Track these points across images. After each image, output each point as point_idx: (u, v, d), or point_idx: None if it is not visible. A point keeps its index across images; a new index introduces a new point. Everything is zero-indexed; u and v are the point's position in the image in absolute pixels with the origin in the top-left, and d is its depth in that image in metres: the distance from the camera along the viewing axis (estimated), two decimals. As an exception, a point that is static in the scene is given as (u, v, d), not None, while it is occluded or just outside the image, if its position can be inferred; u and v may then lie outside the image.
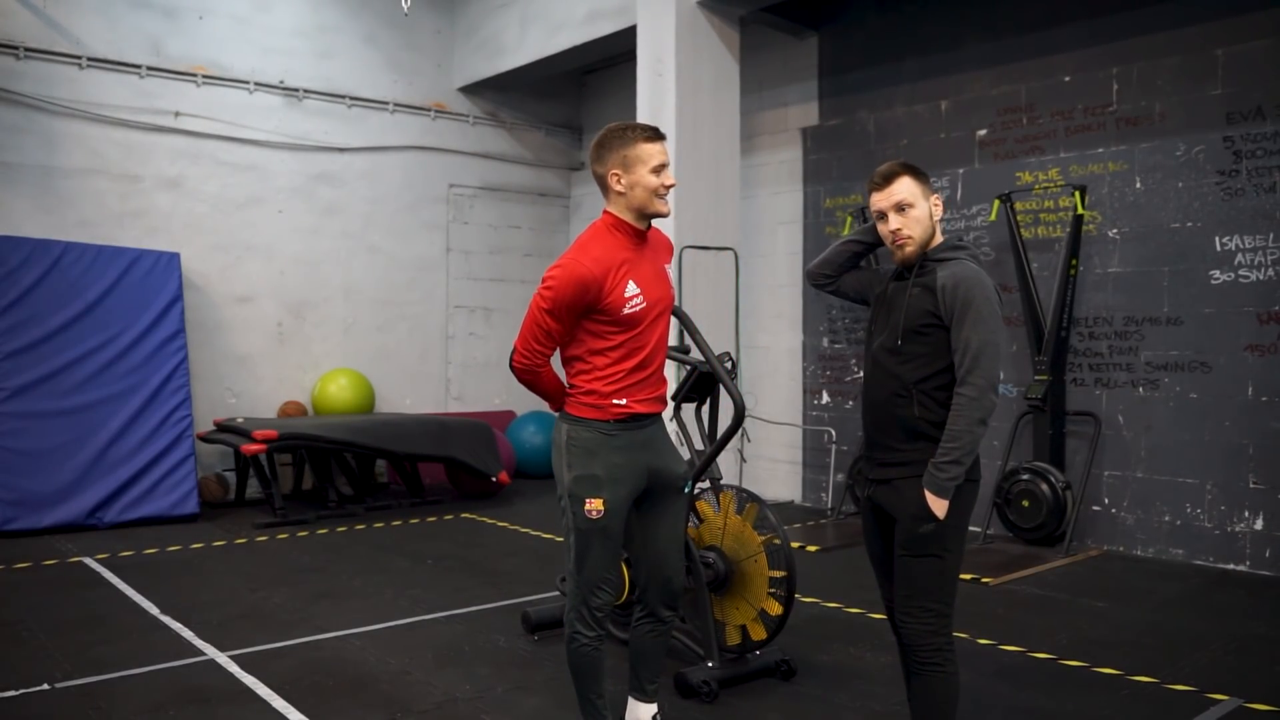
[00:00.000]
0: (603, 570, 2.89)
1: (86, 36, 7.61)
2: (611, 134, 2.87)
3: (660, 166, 2.84)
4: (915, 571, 2.62)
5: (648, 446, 2.95)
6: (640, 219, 2.90)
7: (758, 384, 8.31)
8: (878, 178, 2.70)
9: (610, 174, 2.86)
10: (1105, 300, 6.35)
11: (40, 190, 7.42)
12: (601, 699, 2.99)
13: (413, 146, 9.34)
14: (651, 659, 3.14)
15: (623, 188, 2.85)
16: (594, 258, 2.80)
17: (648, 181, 2.83)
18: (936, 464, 2.57)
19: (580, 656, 2.94)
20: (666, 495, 3.04)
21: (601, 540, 2.86)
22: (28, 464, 6.66)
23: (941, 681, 2.62)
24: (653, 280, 2.92)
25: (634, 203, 2.86)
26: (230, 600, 5.04)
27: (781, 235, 8.30)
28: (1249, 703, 3.59)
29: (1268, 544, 5.64)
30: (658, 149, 2.85)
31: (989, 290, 2.61)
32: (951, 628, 2.67)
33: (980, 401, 2.54)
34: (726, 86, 7.29)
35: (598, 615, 2.91)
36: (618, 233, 2.89)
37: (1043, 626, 4.58)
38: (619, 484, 2.87)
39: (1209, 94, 5.89)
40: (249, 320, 8.38)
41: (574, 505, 2.86)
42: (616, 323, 2.83)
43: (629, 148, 2.83)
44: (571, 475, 2.87)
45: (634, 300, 2.83)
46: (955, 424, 2.56)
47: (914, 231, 2.67)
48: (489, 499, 8.29)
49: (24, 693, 3.67)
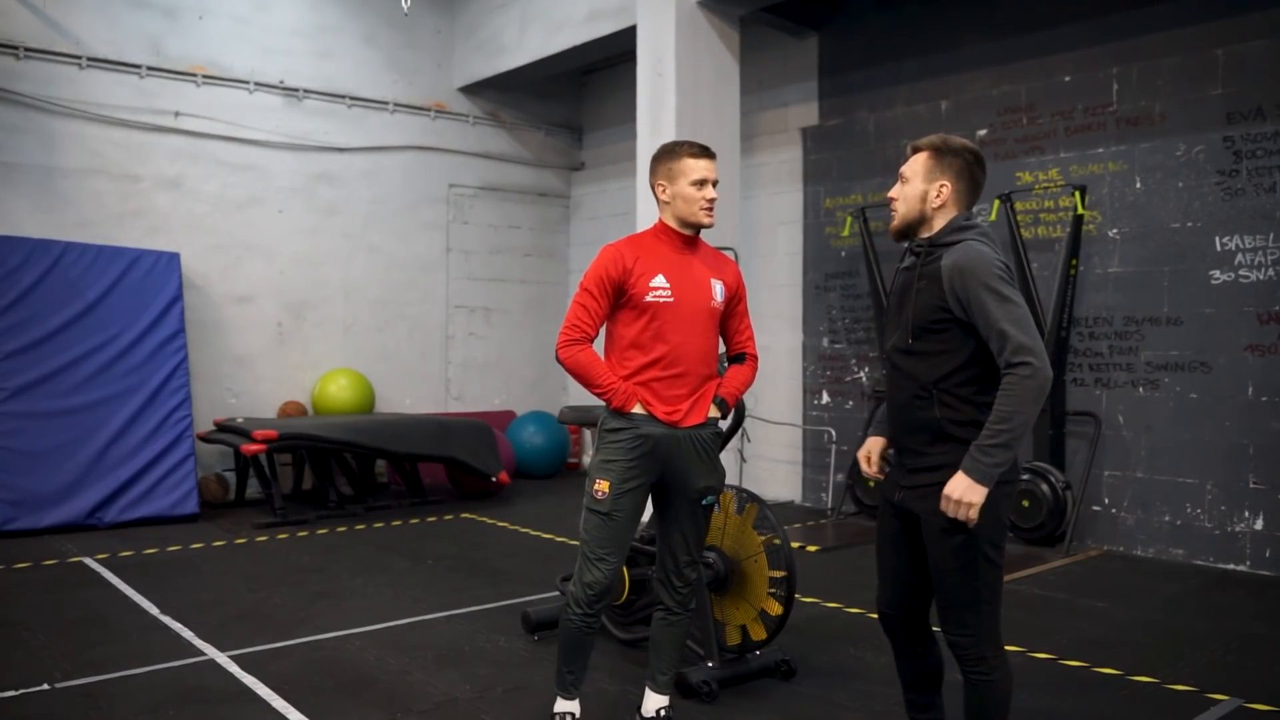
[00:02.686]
0: (600, 549, 3.06)
1: (86, 36, 7.61)
2: (663, 149, 3.16)
3: (702, 181, 3.07)
4: (951, 583, 2.52)
5: (671, 450, 3.06)
6: (684, 227, 3.14)
7: (758, 384, 8.30)
8: (910, 145, 2.73)
9: (657, 184, 3.14)
10: (1105, 300, 6.35)
11: (40, 190, 7.41)
12: (574, 675, 3.20)
13: (413, 146, 9.34)
14: (664, 650, 3.26)
15: (667, 197, 3.12)
16: (629, 244, 3.11)
17: (688, 193, 3.08)
18: (981, 446, 2.38)
19: (569, 631, 3.14)
20: (682, 500, 3.15)
21: (604, 522, 3.05)
22: (28, 464, 6.66)
23: (989, 692, 2.54)
24: (692, 283, 3.09)
25: (677, 212, 3.12)
26: (230, 600, 5.03)
27: (781, 235, 8.30)
28: (1249, 703, 3.59)
29: (1268, 544, 5.64)
30: (702, 164, 3.08)
31: (993, 264, 2.45)
32: (998, 637, 2.56)
33: (1033, 379, 2.36)
34: (726, 86, 7.28)
35: (589, 593, 3.07)
36: (661, 236, 3.14)
37: (1043, 626, 4.58)
38: (630, 474, 3.04)
39: (1209, 94, 5.89)
40: (249, 320, 8.38)
41: (589, 483, 3.10)
42: (638, 308, 3.04)
43: (674, 161, 3.09)
44: (594, 459, 3.12)
45: (659, 291, 3.03)
46: (1005, 404, 2.37)
47: (900, 206, 2.68)
48: (489, 499, 8.29)
49: (24, 693, 3.66)
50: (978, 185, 2.65)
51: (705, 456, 3.13)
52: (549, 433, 9.31)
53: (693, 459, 3.10)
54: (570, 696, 3.22)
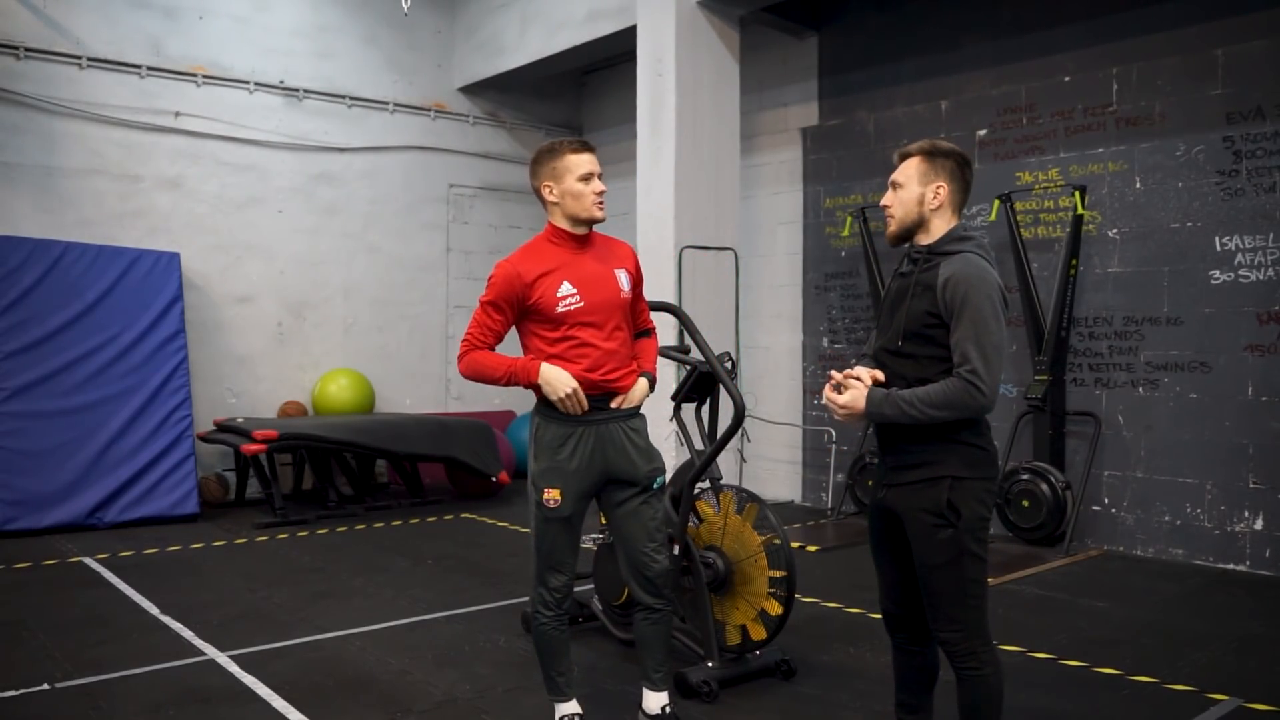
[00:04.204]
0: (559, 555, 3.10)
1: (86, 36, 7.61)
2: (541, 151, 3.11)
3: (588, 175, 3.03)
4: (938, 579, 2.55)
5: (607, 444, 3.07)
6: (576, 225, 3.09)
7: (758, 384, 8.31)
8: (898, 154, 2.75)
9: (543, 186, 3.08)
10: (1105, 300, 6.35)
11: (40, 190, 7.42)
12: (563, 676, 3.20)
13: (413, 146, 9.34)
14: (652, 648, 3.24)
15: (555, 198, 3.06)
16: (524, 256, 3.06)
17: (576, 189, 3.03)
18: (893, 400, 2.52)
19: (541, 635, 3.15)
20: (629, 491, 3.15)
21: (559, 527, 3.06)
22: (28, 464, 6.66)
23: (981, 685, 2.56)
24: (597, 283, 3.07)
25: (567, 210, 3.06)
26: (230, 600, 5.04)
27: (781, 235, 8.30)
28: (1249, 703, 3.59)
29: (1268, 544, 5.64)
30: (585, 159, 3.05)
31: (989, 287, 2.50)
32: (986, 631, 2.59)
33: (973, 401, 2.46)
34: (726, 86, 7.29)
35: (556, 596, 3.11)
36: (553, 240, 3.10)
37: (1043, 626, 4.58)
38: (576, 477, 3.05)
39: (1209, 94, 5.89)
40: (249, 320, 8.38)
41: (536, 493, 3.07)
42: (551, 321, 3.01)
43: (557, 160, 3.05)
44: (536, 466, 3.08)
45: (568, 299, 3.00)
46: (941, 396, 2.48)
47: (896, 211, 2.70)
48: (489, 499, 8.29)
49: (24, 693, 3.67)
50: (968, 186, 2.71)
51: (641, 443, 3.16)
52: (549, 433, 9.29)
53: (631, 448, 3.11)
54: (567, 697, 3.22)
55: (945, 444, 2.55)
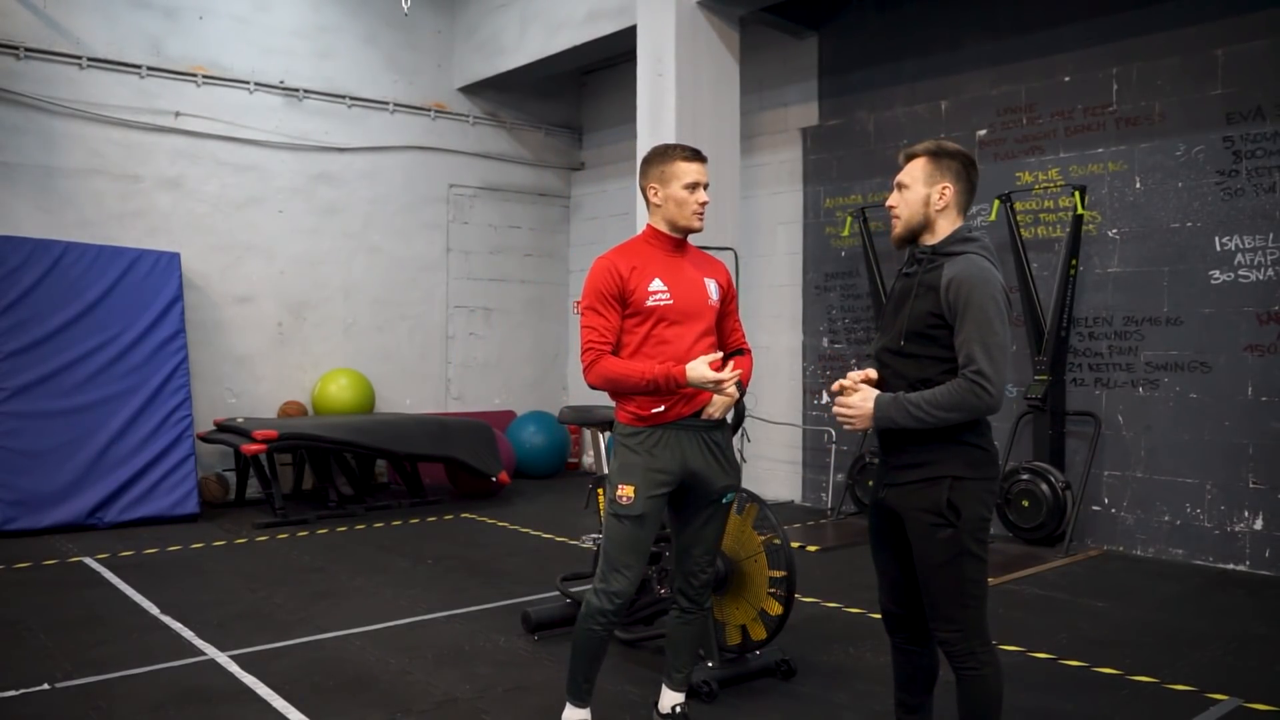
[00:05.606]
0: (625, 555, 3.03)
1: (86, 36, 7.61)
2: (655, 151, 3.13)
3: (694, 184, 3.05)
4: (937, 579, 2.55)
5: (687, 449, 3.04)
6: (674, 231, 3.12)
7: (758, 384, 8.30)
8: (904, 154, 2.74)
9: (649, 186, 3.11)
10: (1105, 300, 6.35)
11: (40, 190, 7.42)
12: (589, 684, 3.15)
13: (413, 146, 9.34)
14: (679, 648, 3.26)
15: (659, 200, 3.10)
16: (620, 253, 3.09)
17: (680, 196, 3.05)
18: (901, 404, 2.50)
19: (588, 637, 3.08)
20: (701, 501, 3.13)
21: (629, 526, 3.01)
22: (28, 464, 6.66)
23: (980, 685, 2.56)
24: (687, 285, 3.09)
25: (667, 215, 3.10)
26: (230, 600, 5.03)
27: (781, 235, 8.30)
28: (1249, 702, 3.59)
29: (1268, 544, 5.64)
30: (694, 168, 3.05)
31: (993, 288, 2.50)
32: (985, 632, 2.58)
33: (980, 401, 2.46)
34: (726, 86, 7.28)
35: (615, 601, 3.02)
36: (650, 242, 3.13)
37: (1043, 626, 4.58)
38: (652, 476, 3.00)
39: (1209, 94, 5.90)
40: (249, 320, 8.38)
41: (610, 490, 3.06)
42: (639, 314, 3.02)
43: (667, 164, 3.06)
44: (615, 464, 3.07)
45: (658, 294, 3.02)
46: (948, 398, 2.47)
47: (902, 212, 2.70)
48: (489, 499, 8.29)
49: (24, 693, 3.67)
50: (973, 187, 2.71)
51: (721, 455, 3.13)
52: (549, 433, 9.31)
53: (710, 458, 3.09)
54: (584, 705, 3.16)
55: (946, 444, 2.55)
